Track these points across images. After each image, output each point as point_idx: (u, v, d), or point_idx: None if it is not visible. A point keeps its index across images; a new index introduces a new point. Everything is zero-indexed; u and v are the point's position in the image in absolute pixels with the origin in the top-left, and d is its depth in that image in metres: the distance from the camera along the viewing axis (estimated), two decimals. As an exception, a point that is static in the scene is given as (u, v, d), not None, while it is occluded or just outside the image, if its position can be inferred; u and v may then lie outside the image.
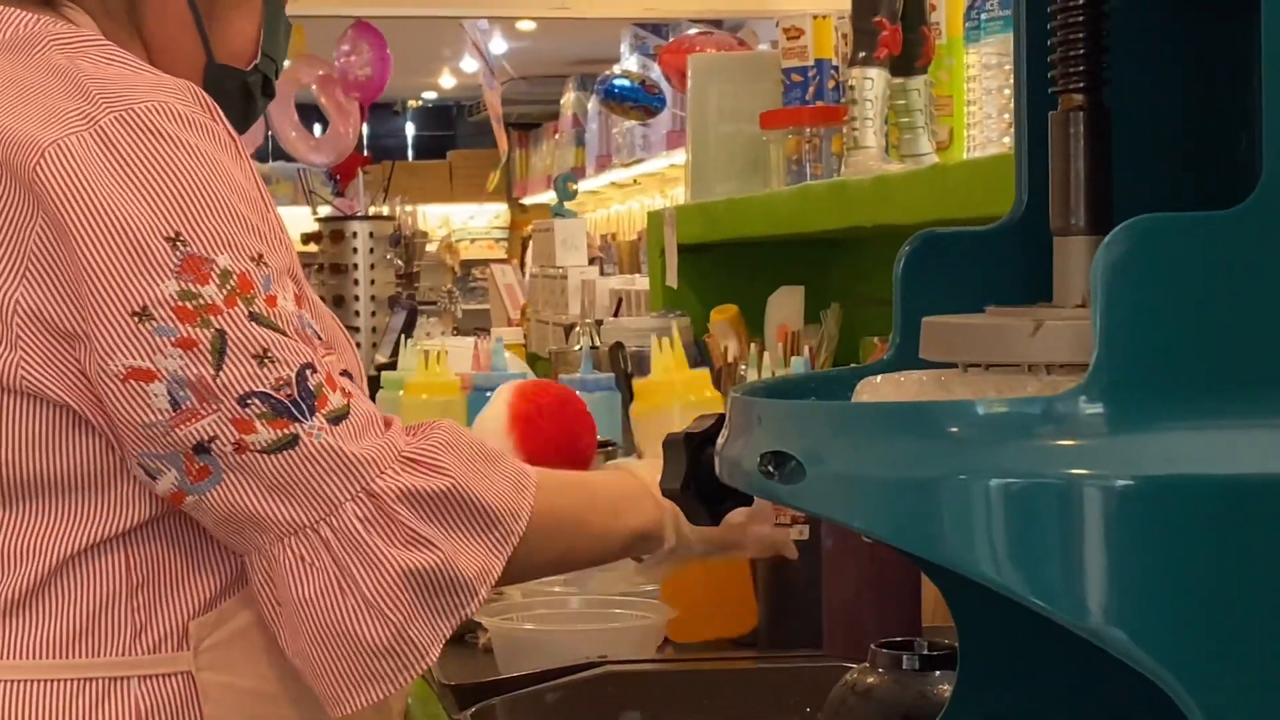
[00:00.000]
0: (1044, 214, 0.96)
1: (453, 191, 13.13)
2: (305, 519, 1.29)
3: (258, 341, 1.28)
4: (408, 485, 1.30)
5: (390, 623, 1.29)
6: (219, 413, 1.27)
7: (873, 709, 1.19)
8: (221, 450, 1.27)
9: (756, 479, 0.85)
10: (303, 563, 1.29)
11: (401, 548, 1.29)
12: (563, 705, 1.57)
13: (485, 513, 1.33)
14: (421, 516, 1.30)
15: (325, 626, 1.29)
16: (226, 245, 1.28)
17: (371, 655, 1.30)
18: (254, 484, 1.28)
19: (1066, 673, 1.02)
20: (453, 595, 1.31)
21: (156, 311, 1.26)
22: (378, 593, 1.29)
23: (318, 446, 1.28)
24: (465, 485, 1.32)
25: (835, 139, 2.69)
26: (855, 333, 2.67)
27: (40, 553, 1.33)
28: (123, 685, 1.34)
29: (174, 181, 1.28)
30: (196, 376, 1.26)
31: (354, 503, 1.29)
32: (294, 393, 1.28)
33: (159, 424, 1.27)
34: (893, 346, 1.02)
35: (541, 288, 4.68)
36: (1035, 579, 0.76)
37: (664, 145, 7.72)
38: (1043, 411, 0.77)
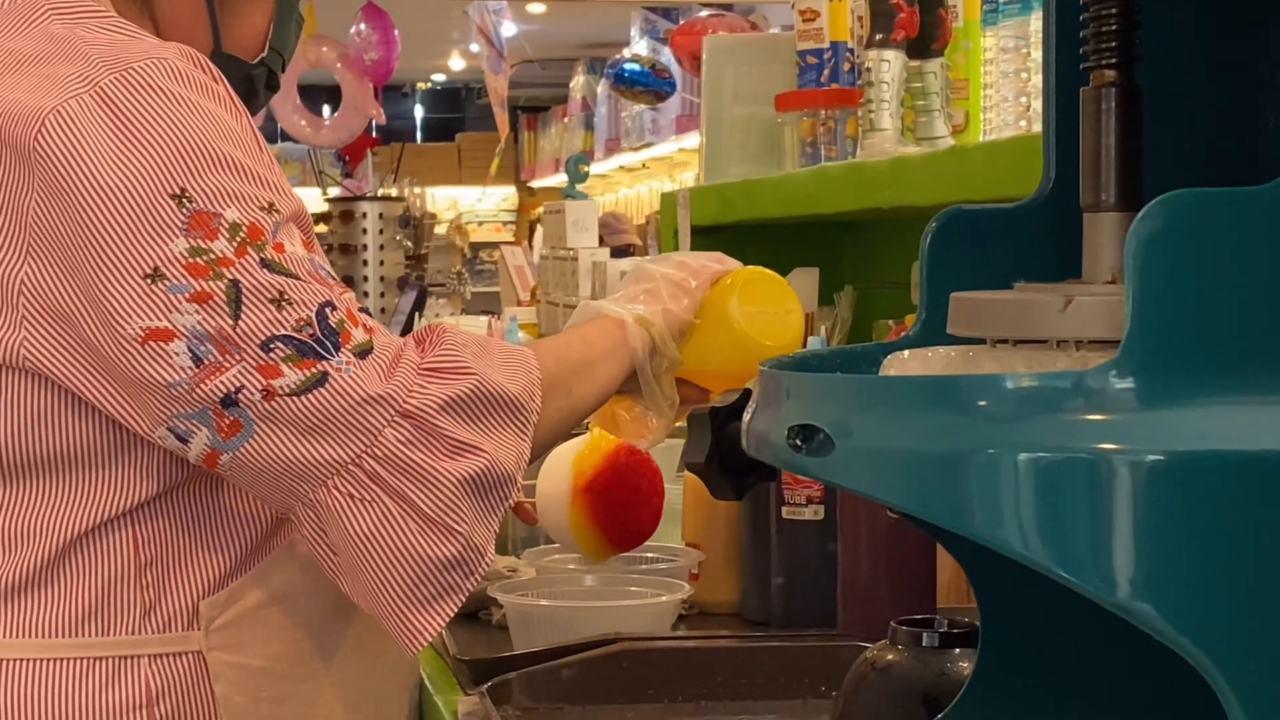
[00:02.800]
0: (1071, 191, 0.96)
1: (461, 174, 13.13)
2: (347, 455, 1.28)
3: (273, 287, 1.28)
4: (439, 396, 1.31)
5: (457, 534, 1.30)
6: (243, 362, 1.26)
7: (892, 686, 1.19)
8: (250, 400, 1.27)
9: (784, 452, 0.85)
10: (353, 499, 1.29)
11: (450, 458, 1.30)
12: (577, 681, 1.58)
13: (509, 401, 1.35)
14: (459, 421, 1.31)
15: (390, 555, 1.29)
16: (233, 198, 1.28)
17: (443, 569, 1.30)
18: (288, 430, 1.28)
19: (1088, 650, 1.02)
20: (498, 490, 1.33)
21: (168, 270, 1.26)
22: (439, 508, 1.29)
23: (348, 381, 1.28)
24: (488, 379, 1.34)
25: (850, 121, 2.68)
26: (869, 315, 2.67)
27: (49, 531, 1.33)
28: (133, 664, 1.34)
29: (176, 137, 1.28)
30: (216, 328, 1.26)
31: (392, 428, 1.29)
32: (316, 331, 1.28)
33: (183, 382, 1.26)
34: (919, 323, 1.02)
35: (552, 269, 4.67)
36: (1064, 553, 0.76)
37: (673, 129, 7.72)
38: (1073, 386, 0.77)
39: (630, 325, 1.53)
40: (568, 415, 1.47)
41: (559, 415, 1.45)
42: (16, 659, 1.33)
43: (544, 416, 1.39)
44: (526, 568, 1.92)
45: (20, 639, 1.33)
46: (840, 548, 1.67)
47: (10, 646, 1.33)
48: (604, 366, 1.51)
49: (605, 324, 1.53)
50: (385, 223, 6.00)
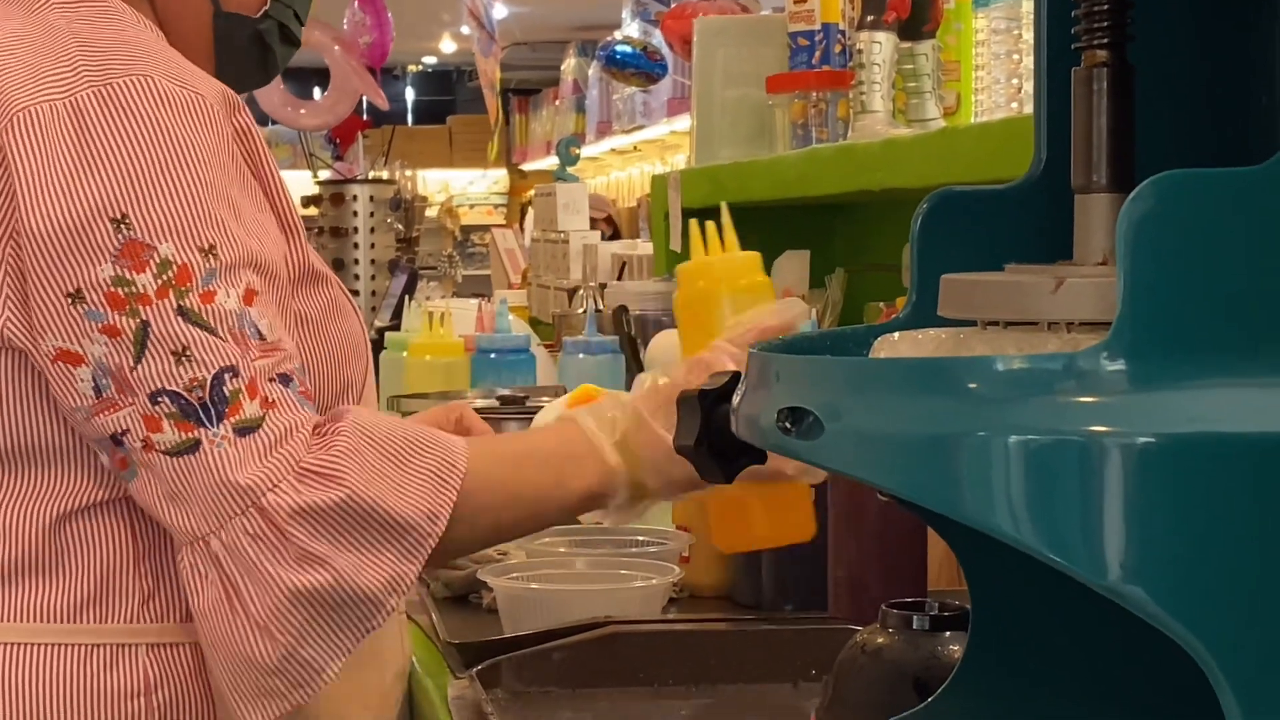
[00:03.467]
0: (1062, 172, 0.96)
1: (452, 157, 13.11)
2: (198, 529, 1.26)
3: (179, 338, 1.25)
4: (300, 501, 1.25)
5: (279, 644, 1.25)
6: (133, 406, 1.25)
7: (883, 669, 1.19)
8: (133, 444, 1.26)
9: (774, 435, 0.84)
10: (196, 573, 1.28)
11: (291, 567, 1.25)
12: (568, 664, 1.57)
13: (390, 521, 1.27)
14: (314, 533, 1.25)
15: (218, 640, 1.27)
16: (173, 233, 1.25)
17: (262, 673, 1.27)
18: (157, 486, 1.27)
19: (1079, 634, 1.02)
20: (351, 610, 1.26)
21: (89, 295, 1.24)
22: (265, 613, 1.25)
23: (216, 457, 1.25)
24: (364, 495, 1.26)
25: (841, 103, 2.68)
26: (860, 298, 2.67)
27: (45, 517, 1.33)
28: (131, 653, 1.34)
29: (134, 161, 1.26)
30: (117, 366, 1.25)
31: (244, 518, 1.25)
32: (205, 395, 1.25)
33: (83, 409, 1.27)
34: (909, 305, 1.01)
35: (543, 252, 4.68)
36: (1055, 536, 0.76)
37: (665, 112, 7.70)
38: (1064, 368, 0.77)
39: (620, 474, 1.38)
40: (489, 539, 1.41)
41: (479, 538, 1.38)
42: (15, 643, 1.33)
43: (472, 523, 1.32)
44: (517, 551, 1.92)
45: (20, 623, 1.33)
46: (831, 531, 1.66)
47: (9, 631, 1.33)
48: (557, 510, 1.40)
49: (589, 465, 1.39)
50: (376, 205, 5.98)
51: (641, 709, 1.53)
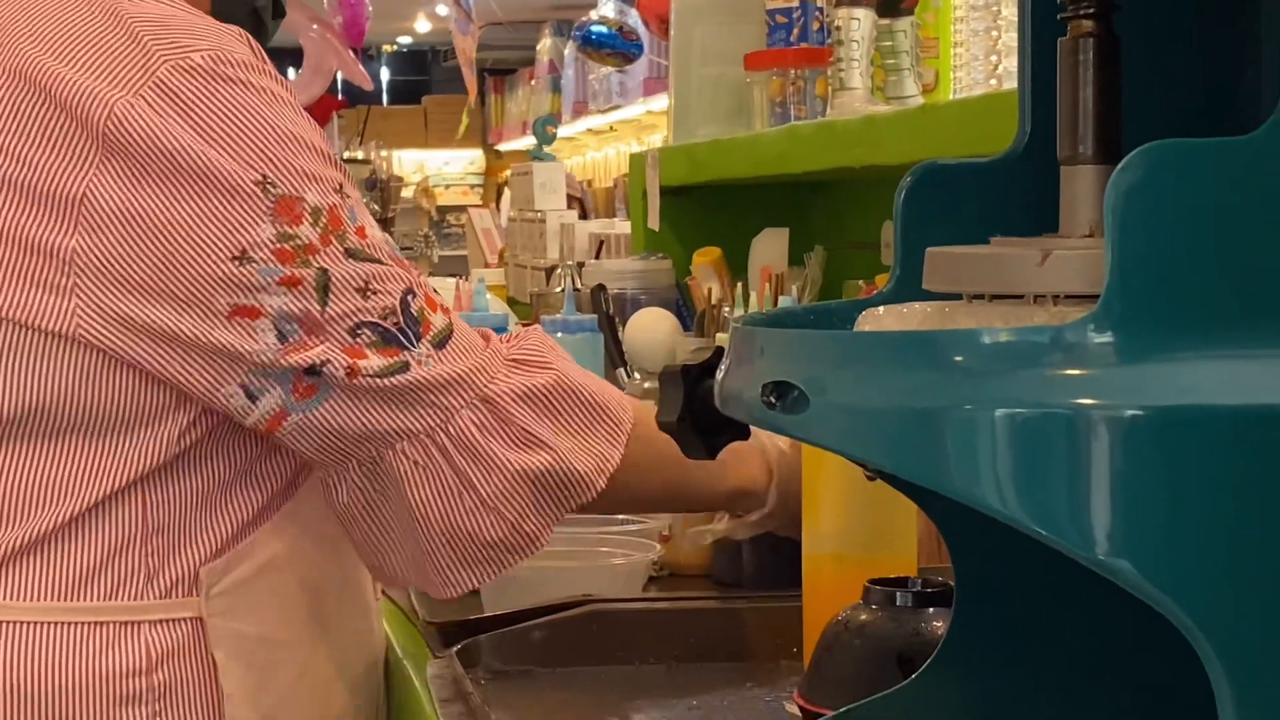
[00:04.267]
0: (1047, 145, 0.95)
1: (427, 137, 13.09)
2: (420, 426, 1.33)
3: (358, 275, 1.30)
4: (519, 386, 1.35)
5: (506, 520, 1.35)
6: (328, 343, 1.29)
7: (866, 646, 1.19)
8: (334, 373, 1.30)
9: (758, 409, 0.83)
10: (417, 466, 1.33)
11: (517, 449, 1.35)
12: (548, 643, 1.57)
13: (592, 403, 1.39)
14: (535, 415, 1.35)
15: (439, 524, 1.35)
16: (311, 180, 1.29)
17: (486, 546, 1.36)
18: (366, 399, 1.31)
19: (1065, 610, 1.02)
20: (565, 490, 1.37)
21: (257, 254, 1.27)
22: (494, 494, 1.34)
23: (427, 371, 1.32)
24: (571, 377, 1.38)
25: (820, 81, 2.67)
26: (839, 276, 2.66)
27: (65, 495, 1.32)
28: (134, 629, 1.34)
29: (247, 125, 1.28)
30: (303, 310, 1.28)
31: (470, 409, 1.33)
32: (400, 320, 1.31)
33: (267, 351, 1.28)
34: (893, 279, 1.00)
35: (520, 232, 4.66)
36: (1042, 510, 0.75)
37: (641, 92, 7.69)
38: (1051, 340, 0.76)
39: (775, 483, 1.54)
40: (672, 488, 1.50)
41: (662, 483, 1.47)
42: (18, 621, 1.32)
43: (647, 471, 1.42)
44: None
45: (23, 602, 1.32)
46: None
47: (12, 609, 1.32)
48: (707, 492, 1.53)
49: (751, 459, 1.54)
50: (352, 185, 5.97)
51: (622, 687, 1.52)
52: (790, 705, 1.43)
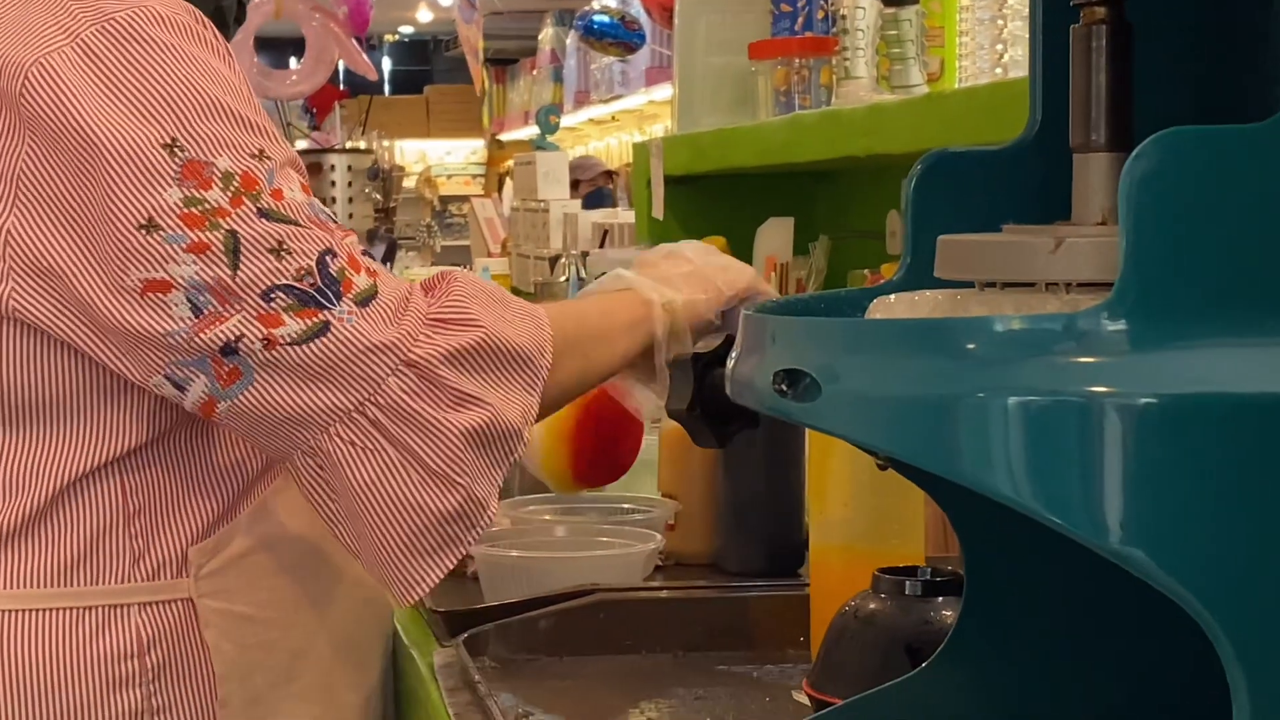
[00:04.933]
0: (1057, 133, 0.95)
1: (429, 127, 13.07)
2: (349, 402, 1.27)
3: (271, 236, 1.26)
4: (444, 347, 1.29)
5: (459, 486, 1.28)
6: (243, 312, 1.25)
7: (874, 635, 1.18)
8: (250, 348, 1.25)
9: (769, 397, 0.83)
10: (354, 447, 1.27)
11: (453, 409, 1.29)
12: (554, 632, 1.57)
13: (516, 355, 1.33)
14: (463, 374, 1.30)
15: (391, 505, 1.28)
16: (224, 146, 1.26)
17: (442, 522, 1.29)
18: (289, 377, 1.26)
19: (1075, 597, 1.02)
20: (503, 444, 1.31)
21: (163, 220, 1.24)
22: (441, 459, 1.28)
23: (350, 330, 1.26)
24: (495, 332, 1.32)
25: (824, 70, 2.66)
26: (844, 265, 2.65)
27: (36, 480, 1.32)
28: (123, 612, 1.33)
29: (162, 87, 1.26)
30: (215, 279, 1.24)
31: (396, 376, 1.27)
32: (317, 280, 1.26)
33: (181, 331, 1.25)
34: (903, 267, 1.00)
35: (523, 221, 4.66)
36: (1054, 498, 0.75)
37: (643, 81, 7.68)
38: (1064, 328, 0.76)
39: (657, 308, 1.51)
40: (580, 379, 1.45)
41: (571, 377, 1.42)
42: (6, 610, 1.32)
43: (555, 376, 1.37)
44: (500, 518, 1.91)
45: (8, 589, 1.32)
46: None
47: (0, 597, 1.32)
48: (623, 339, 1.49)
49: (630, 298, 1.52)
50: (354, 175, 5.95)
51: (629, 676, 1.52)
52: (797, 694, 1.43)
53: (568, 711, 1.43)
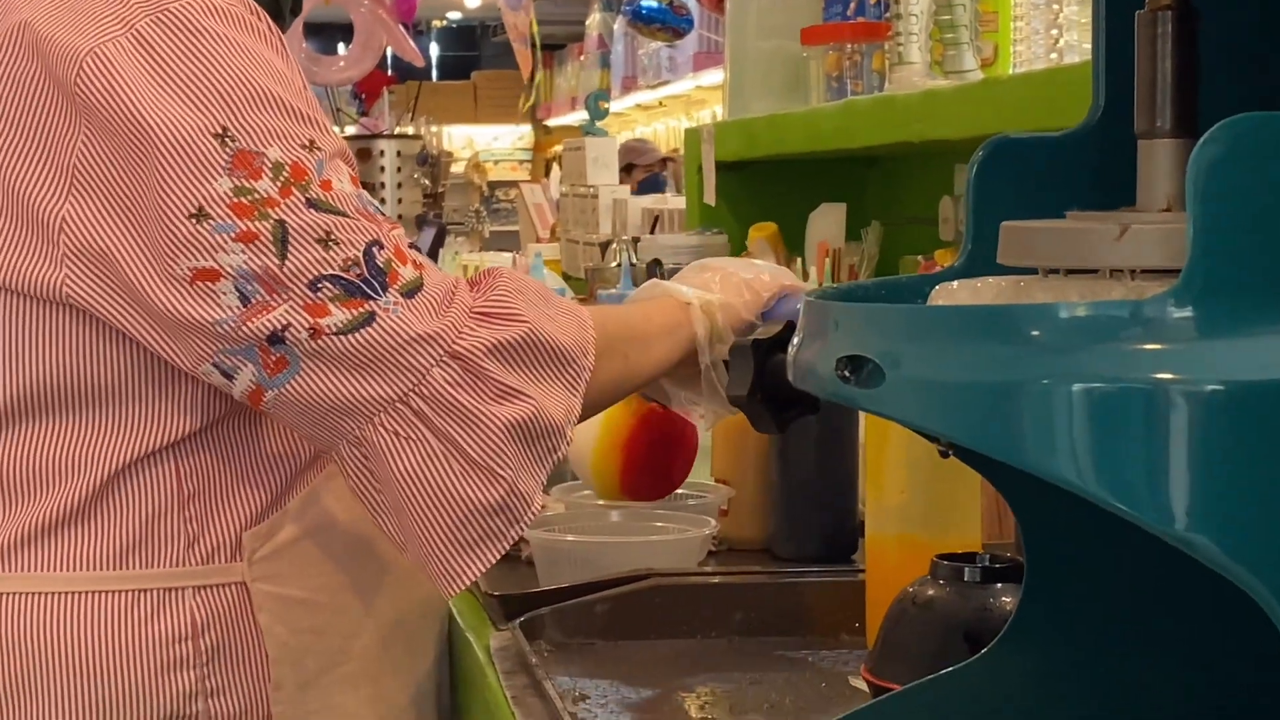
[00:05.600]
0: (1119, 119, 0.95)
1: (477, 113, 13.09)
2: (393, 392, 1.27)
3: (318, 226, 1.26)
4: (488, 339, 1.29)
5: (501, 479, 1.28)
6: (290, 301, 1.25)
7: (932, 621, 1.18)
8: (296, 337, 1.26)
9: (832, 383, 0.83)
10: (398, 437, 1.28)
11: (497, 402, 1.28)
12: (609, 616, 1.57)
13: (560, 353, 1.33)
14: (506, 368, 1.29)
15: (433, 496, 1.28)
16: (275, 136, 1.27)
17: (485, 514, 1.29)
18: (334, 367, 1.26)
19: (1136, 585, 1.01)
20: (546, 440, 1.31)
21: (213, 210, 1.25)
22: (484, 451, 1.28)
23: (395, 321, 1.27)
24: (540, 329, 1.32)
25: (876, 55, 2.66)
26: (896, 251, 2.65)
27: (92, 464, 1.33)
28: (177, 596, 1.35)
29: (215, 78, 1.27)
30: (262, 268, 1.25)
31: (440, 368, 1.27)
32: (364, 271, 1.27)
33: (229, 320, 1.26)
34: (964, 254, 1.00)
35: (572, 207, 4.66)
36: (1120, 484, 0.75)
37: (691, 67, 7.67)
38: (1130, 315, 0.76)
39: (695, 308, 1.51)
40: (621, 381, 1.45)
41: (612, 379, 1.42)
42: (62, 592, 1.33)
43: (597, 377, 1.37)
44: (555, 503, 1.92)
45: (65, 572, 1.34)
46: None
47: (55, 580, 1.34)
48: (662, 342, 1.49)
49: (668, 303, 1.52)
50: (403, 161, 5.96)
51: (684, 660, 1.53)
52: (854, 679, 1.43)
53: (624, 694, 1.44)
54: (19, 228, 1.29)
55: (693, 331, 1.50)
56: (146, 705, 1.34)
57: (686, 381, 1.54)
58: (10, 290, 1.31)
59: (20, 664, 1.33)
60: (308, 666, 1.40)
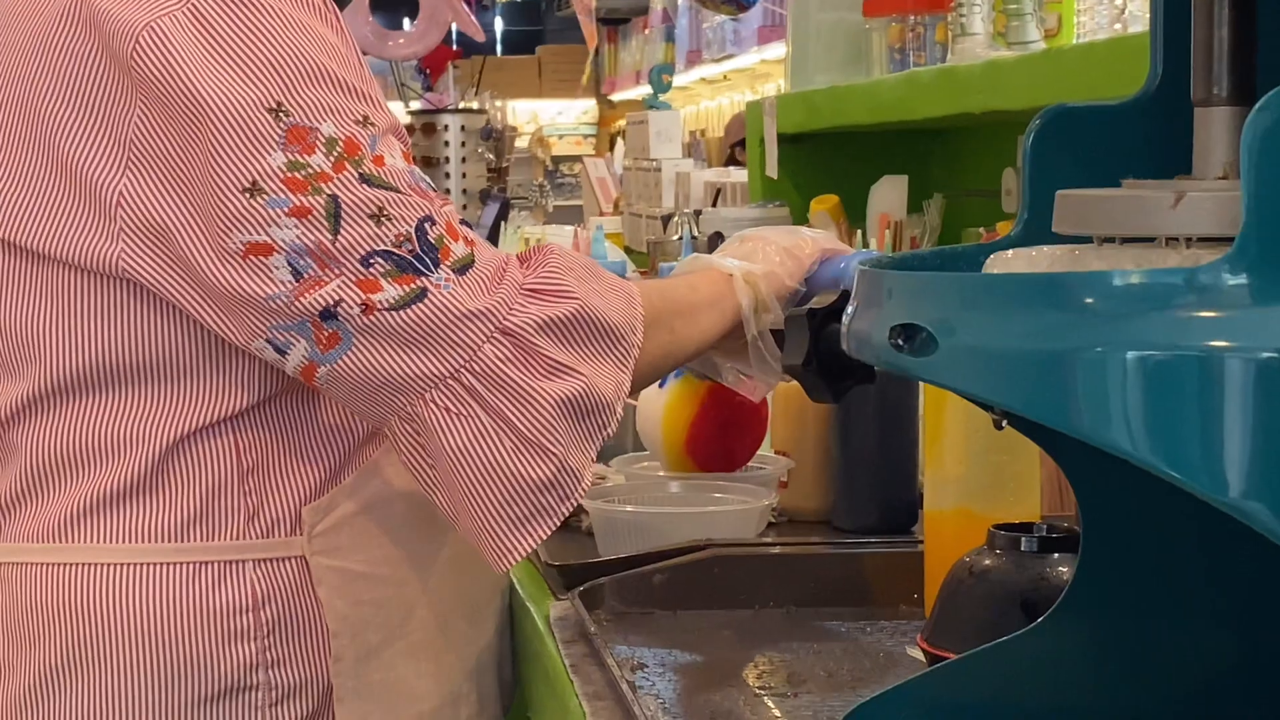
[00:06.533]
0: (1177, 87, 0.94)
1: (541, 87, 13.09)
2: (445, 369, 1.28)
3: (372, 202, 1.27)
4: (539, 316, 1.30)
5: (552, 455, 1.29)
6: (343, 276, 1.26)
7: (989, 591, 1.19)
8: (349, 313, 1.26)
9: (886, 351, 0.84)
10: (449, 413, 1.28)
11: (547, 378, 1.29)
12: (668, 586, 1.58)
13: (610, 329, 1.34)
14: (557, 343, 1.30)
15: (484, 472, 1.29)
16: (329, 112, 1.28)
17: (535, 490, 1.29)
18: (386, 343, 1.27)
19: (1192, 554, 1.01)
20: (598, 416, 1.32)
21: (266, 184, 1.26)
22: (535, 427, 1.28)
23: (446, 297, 1.27)
24: (590, 305, 1.32)
25: (939, 27, 2.65)
26: (958, 223, 2.64)
27: (150, 439, 1.35)
28: (238, 569, 1.36)
29: (269, 52, 1.27)
30: (315, 243, 1.26)
31: (491, 344, 1.28)
32: (416, 247, 1.27)
33: (282, 295, 1.27)
34: (1020, 223, 1.00)
35: (635, 180, 4.66)
36: (1174, 452, 0.75)
37: (755, 40, 7.64)
38: (1185, 282, 0.75)
39: (738, 279, 1.52)
40: (668, 354, 1.46)
41: (660, 353, 1.43)
42: (124, 564, 1.35)
43: (645, 351, 1.38)
44: (615, 474, 1.92)
45: (127, 544, 1.35)
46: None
47: (117, 552, 1.35)
48: (708, 314, 1.49)
49: (712, 275, 1.53)
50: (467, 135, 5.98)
51: (742, 630, 1.53)
52: (912, 650, 1.43)
53: (682, 663, 1.44)
54: (76, 203, 1.31)
55: (737, 303, 1.51)
56: (207, 675, 1.35)
57: (734, 354, 1.55)
58: (68, 264, 1.32)
59: (83, 634, 1.35)
60: (368, 639, 1.42)
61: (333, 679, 1.40)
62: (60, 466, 1.36)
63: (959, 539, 1.34)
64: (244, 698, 1.37)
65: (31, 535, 1.37)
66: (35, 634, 1.36)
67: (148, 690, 1.35)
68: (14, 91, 1.33)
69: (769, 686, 1.38)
